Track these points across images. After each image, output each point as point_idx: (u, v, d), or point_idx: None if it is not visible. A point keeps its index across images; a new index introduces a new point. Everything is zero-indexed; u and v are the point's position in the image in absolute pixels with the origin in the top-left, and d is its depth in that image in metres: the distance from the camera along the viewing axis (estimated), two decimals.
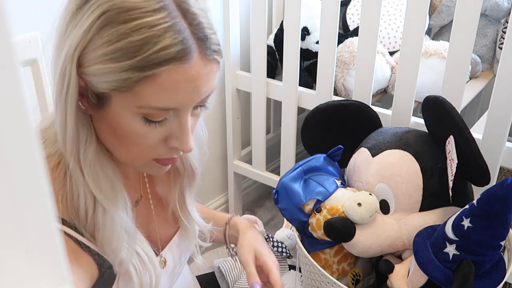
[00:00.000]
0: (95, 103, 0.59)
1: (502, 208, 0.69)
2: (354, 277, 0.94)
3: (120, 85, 0.56)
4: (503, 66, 1.06)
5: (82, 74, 0.57)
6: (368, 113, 1.08)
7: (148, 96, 0.57)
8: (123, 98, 0.58)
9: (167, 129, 0.62)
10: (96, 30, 0.55)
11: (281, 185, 0.90)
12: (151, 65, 0.55)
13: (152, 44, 0.54)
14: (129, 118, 0.59)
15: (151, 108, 0.58)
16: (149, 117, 0.59)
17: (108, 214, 0.64)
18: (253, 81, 1.59)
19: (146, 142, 0.62)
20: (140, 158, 0.65)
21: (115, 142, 0.63)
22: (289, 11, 1.40)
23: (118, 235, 0.65)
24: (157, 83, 0.56)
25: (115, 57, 0.55)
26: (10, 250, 0.27)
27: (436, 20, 1.73)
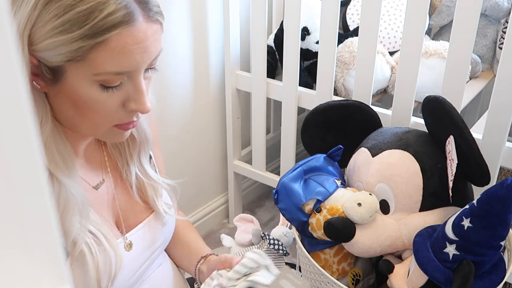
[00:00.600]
0: (51, 78, 0.61)
1: (502, 208, 0.69)
2: (354, 277, 0.94)
3: (74, 55, 0.59)
4: (503, 66, 1.06)
5: (34, 52, 0.59)
6: (368, 113, 1.08)
7: (102, 62, 0.60)
8: (79, 69, 0.60)
9: (123, 93, 0.65)
10: (42, 6, 0.57)
11: (281, 185, 0.90)
12: (101, 31, 0.58)
13: (99, 12, 0.57)
14: (87, 88, 0.62)
15: (107, 73, 0.61)
16: (105, 83, 0.62)
17: (63, 187, 0.65)
18: (253, 81, 1.59)
19: (106, 109, 0.64)
20: (102, 126, 0.67)
21: (75, 114, 0.65)
22: (289, 11, 1.40)
23: (72, 211, 0.66)
24: (109, 48, 0.59)
25: (65, 29, 0.57)
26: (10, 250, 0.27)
27: (436, 20, 1.73)
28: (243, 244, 1.15)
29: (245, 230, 1.16)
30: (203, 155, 1.79)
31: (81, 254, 0.69)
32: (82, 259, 0.69)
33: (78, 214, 0.67)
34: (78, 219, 0.67)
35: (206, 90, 1.70)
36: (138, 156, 0.81)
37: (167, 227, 0.88)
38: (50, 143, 0.64)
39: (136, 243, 0.81)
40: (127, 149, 0.81)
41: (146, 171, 0.83)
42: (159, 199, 0.84)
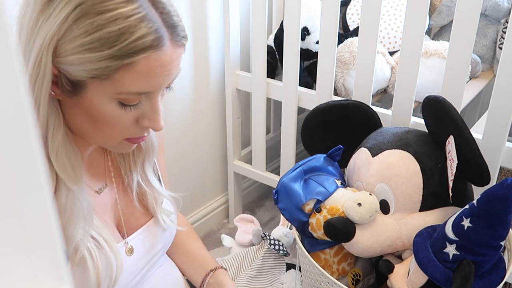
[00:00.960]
0: (70, 90, 0.61)
1: (502, 208, 0.69)
2: (354, 277, 0.94)
3: (100, 73, 0.59)
4: (503, 66, 1.06)
5: (57, 63, 0.59)
6: (368, 113, 1.08)
7: (127, 82, 0.60)
8: (101, 86, 0.60)
9: (140, 111, 0.66)
10: (72, 21, 0.57)
11: (281, 185, 0.90)
12: (130, 53, 0.58)
13: (129, 34, 0.58)
14: (106, 104, 0.62)
15: (129, 93, 0.62)
16: (125, 101, 0.63)
17: (70, 194, 0.66)
18: (253, 81, 1.59)
19: (120, 124, 0.65)
20: (114, 139, 0.68)
21: (89, 127, 0.66)
22: (289, 11, 1.40)
23: (77, 218, 0.66)
24: (135, 70, 0.60)
25: (93, 47, 0.57)
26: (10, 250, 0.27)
27: (436, 20, 1.73)
28: (243, 245, 1.15)
29: (246, 231, 1.16)
30: (203, 155, 1.79)
31: (82, 259, 0.69)
32: (83, 264, 0.69)
33: (83, 220, 0.68)
34: (82, 226, 0.68)
35: (206, 90, 1.70)
36: (142, 164, 0.82)
37: (168, 232, 0.88)
38: (61, 150, 0.64)
39: (137, 248, 0.81)
40: (132, 156, 0.81)
41: (149, 180, 0.83)
42: (159, 207, 0.84)
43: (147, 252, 0.84)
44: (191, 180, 1.76)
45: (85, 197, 0.68)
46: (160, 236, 0.86)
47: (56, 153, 0.64)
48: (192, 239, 0.99)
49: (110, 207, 0.80)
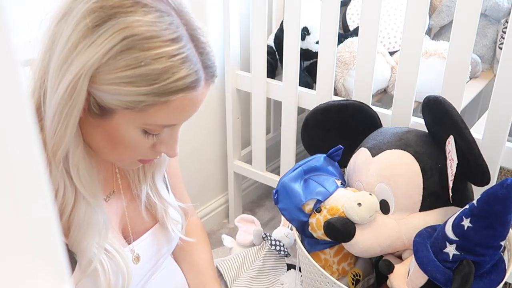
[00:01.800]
0: (97, 113, 0.62)
1: (502, 208, 0.69)
2: (354, 277, 0.94)
3: (134, 106, 0.59)
4: (503, 66, 1.06)
5: (90, 88, 0.59)
6: (368, 113, 1.08)
7: (159, 116, 0.62)
8: (132, 116, 0.61)
9: (159, 139, 0.68)
10: (117, 53, 0.56)
11: (281, 185, 0.90)
12: (168, 92, 0.59)
13: (171, 74, 0.58)
14: (130, 130, 0.63)
15: (157, 125, 0.64)
16: (150, 131, 0.65)
17: (89, 207, 0.66)
18: (253, 81, 1.59)
19: (138, 148, 0.67)
20: (128, 159, 0.70)
21: (107, 146, 0.67)
22: (289, 11, 1.40)
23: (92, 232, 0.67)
24: (169, 107, 0.61)
25: (133, 81, 0.57)
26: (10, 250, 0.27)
27: (436, 20, 1.73)
28: (244, 245, 1.15)
29: (246, 231, 1.16)
30: (203, 155, 1.79)
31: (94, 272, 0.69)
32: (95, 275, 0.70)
33: (98, 235, 0.68)
34: (97, 240, 0.68)
35: None
36: (152, 176, 0.83)
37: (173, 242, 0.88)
38: (81, 165, 0.65)
39: (142, 254, 0.82)
40: (141, 168, 0.81)
41: (158, 191, 0.84)
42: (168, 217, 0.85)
43: (153, 256, 0.84)
44: (191, 180, 1.76)
45: (102, 211, 0.69)
46: (165, 240, 0.86)
47: (77, 169, 0.64)
48: (202, 251, 0.99)
49: (116, 214, 0.80)
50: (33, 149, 0.26)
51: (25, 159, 0.26)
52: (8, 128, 0.25)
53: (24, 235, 0.27)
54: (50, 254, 0.28)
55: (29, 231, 0.27)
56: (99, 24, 0.57)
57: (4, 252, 0.26)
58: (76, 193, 0.65)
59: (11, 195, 0.26)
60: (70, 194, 0.65)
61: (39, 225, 0.27)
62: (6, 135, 0.25)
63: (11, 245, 0.27)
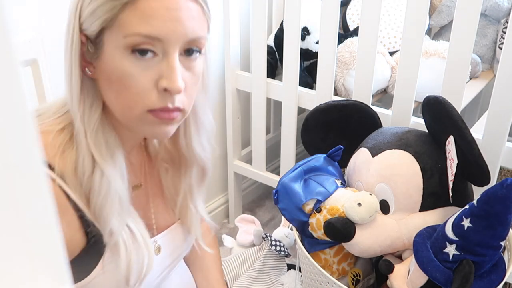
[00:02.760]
0: (93, 52, 0.65)
1: (502, 208, 0.69)
2: (354, 277, 0.94)
3: (108, 17, 0.62)
4: (503, 66, 1.06)
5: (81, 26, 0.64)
6: (368, 113, 1.08)
7: (131, 22, 0.61)
8: (112, 34, 0.63)
9: (156, 71, 0.64)
10: None
11: (281, 185, 0.90)
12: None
13: None
14: (119, 55, 0.63)
15: (135, 34, 0.61)
16: (134, 46, 0.62)
17: (105, 177, 0.67)
18: (253, 81, 1.59)
19: (138, 85, 0.64)
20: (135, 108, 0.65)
21: (112, 93, 0.66)
22: (289, 11, 1.40)
23: (111, 201, 0.68)
24: (137, 8, 0.61)
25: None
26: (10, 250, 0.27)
27: (436, 20, 1.73)
28: (244, 245, 1.16)
29: (247, 231, 1.16)
30: None
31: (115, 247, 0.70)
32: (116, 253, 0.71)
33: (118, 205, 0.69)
34: (118, 209, 0.69)
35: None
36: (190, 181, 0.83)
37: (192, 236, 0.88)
38: (97, 130, 0.67)
39: (164, 247, 0.82)
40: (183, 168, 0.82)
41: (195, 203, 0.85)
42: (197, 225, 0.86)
43: (172, 252, 0.85)
44: None
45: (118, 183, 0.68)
46: (185, 239, 0.87)
47: (93, 130, 0.66)
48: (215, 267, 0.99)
49: (142, 205, 0.81)
50: (33, 149, 0.26)
51: (25, 159, 0.26)
52: (8, 128, 0.25)
53: (24, 235, 0.27)
54: (50, 255, 0.28)
55: (29, 231, 0.27)
56: None
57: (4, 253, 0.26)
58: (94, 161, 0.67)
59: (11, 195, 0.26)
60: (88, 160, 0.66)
61: (39, 225, 0.27)
62: (6, 135, 0.25)
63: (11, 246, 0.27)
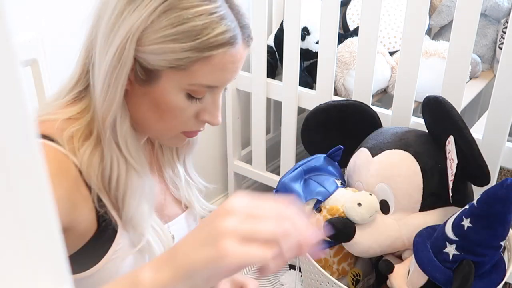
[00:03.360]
0: (143, 79, 0.65)
1: (502, 208, 0.69)
2: (354, 277, 0.94)
3: (178, 63, 0.63)
4: (503, 66, 1.06)
5: (137, 52, 0.63)
6: (368, 113, 1.08)
7: (201, 74, 0.65)
8: (176, 76, 0.64)
9: (202, 105, 0.70)
10: (160, 13, 0.61)
11: (281, 185, 0.90)
12: (209, 47, 0.63)
13: (211, 29, 0.62)
14: (175, 94, 0.66)
15: (200, 85, 0.66)
16: (193, 94, 0.67)
17: (139, 176, 0.70)
18: (253, 81, 1.59)
19: (183, 116, 0.69)
20: (173, 131, 0.72)
21: (153, 116, 0.69)
22: (289, 11, 1.40)
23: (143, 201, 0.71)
24: (211, 64, 0.64)
25: (177, 38, 0.62)
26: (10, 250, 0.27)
27: (436, 20, 1.73)
28: None
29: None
30: (203, 155, 1.79)
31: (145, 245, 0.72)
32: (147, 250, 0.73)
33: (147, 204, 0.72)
34: (147, 211, 0.72)
35: None
36: (184, 157, 0.87)
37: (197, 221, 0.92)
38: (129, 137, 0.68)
39: (177, 235, 0.84)
40: (175, 150, 0.85)
41: (189, 172, 0.88)
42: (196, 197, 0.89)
43: None
44: None
45: (150, 181, 0.72)
46: (194, 222, 0.89)
47: (125, 139, 0.68)
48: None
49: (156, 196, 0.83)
50: (33, 149, 0.26)
51: (25, 159, 0.26)
52: (8, 128, 0.25)
53: (24, 236, 0.27)
54: (50, 255, 0.28)
55: (29, 232, 0.27)
56: None
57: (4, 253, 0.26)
58: (126, 163, 0.69)
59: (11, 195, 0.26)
60: (122, 165, 0.68)
61: (39, 226, 0.27)
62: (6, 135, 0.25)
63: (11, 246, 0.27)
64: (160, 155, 0.85)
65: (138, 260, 0.73)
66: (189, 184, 0.88)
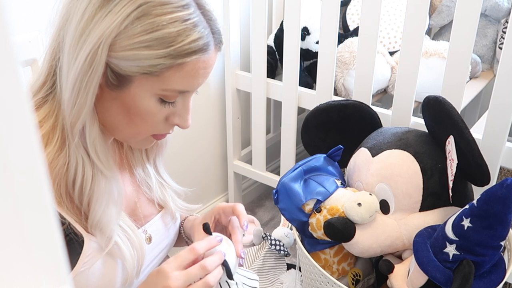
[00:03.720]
0: (114, 83, 0.64)
1: (502, 208, 0.69)
2: (354, 277, 0.94)
3: (152, 70, 0.62)
4: (503, 66, 1.06)
5: (109, 58, 0.62)
6: (368, 113, 1.08)
7: (174, 80, 0.64)
8: (148, 81, 0.64)
9: (171, 109, 0.69)
10: (134, 19, 0.60)
11: (281, 185, 0.90)
12: (183, 54, 0.62)
13: (185, 36, 0.62)
14: (147, 99, 0.66)
15: (173, 91, 0.66)
16: (165, 98, 0.67)
17: (107, 180, 0.69)
18: (253, 81, 1.59)
19: (154, 120, 0.69)
20: (143, 134, 0.71)
21: (123, 120, 0.68)
22: (289, 11, 1.40)
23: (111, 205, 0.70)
24: (184, 70, 0.64)
25: (151, 45, 0.61)
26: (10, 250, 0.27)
27: (436, 20, 1.73)
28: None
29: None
30: (203, 155, 1.79)
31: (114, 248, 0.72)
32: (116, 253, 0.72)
33: (115, 207, 0.71)
34: (115, 213, 0.71)
35: (206, 90, 1.70)
36: (154, 158, 0.86)
37: (177, 223, 0.92)
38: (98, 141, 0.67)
39: (154, 235, 0.84)
40: (144, 151, 0.84)
41: (160, 173, 0.87)
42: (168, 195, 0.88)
43: (163, 239, 0.86)
44: (191, 180, 1.76)
45: (118, 184, 0.72)
46: (171, 226, 0.89)
47: (94, 144, 0.67)
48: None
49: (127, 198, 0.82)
50: (33, 149, 0.26)
51: (25, 159, 0.26)
52: (8, 128, 0.25)
53: (24, 235, 0.27)
54: (50, 254, 0.28)
55: (29, 231, 0.27)
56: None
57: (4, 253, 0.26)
58: (93, 167, 0.68)
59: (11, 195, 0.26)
60: (88, 168, 0.67)
61: (39, 225, 0.27)
62: (6, 135, 0.25)
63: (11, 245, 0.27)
64: (130, 155, 0.84)
65: (107, 263, 0.72)
66: (162, 185, 0.87)
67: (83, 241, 0.69)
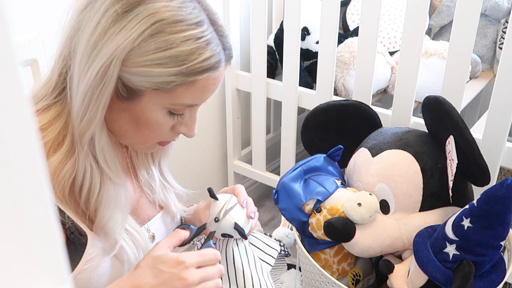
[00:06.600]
0: (124, 96, 0.65)
1: (502, 208, 0.69)
2: (354, 277, 0.94)
3: (164, 86, 0.63)
4: (503, 66, 1.06)
5: (121, 72, 0.62)
6: (368, 113, 1.08)
7: (185, 96, 0.65)
8: (159, 96, 0.64)
9: (180, 119, 0.71)
10: (147, 36, 0.60)
11: (281, 185, 0.90)
12: (195, 72, 0.63)
13: (198, 55, 0.63)
14: (156, 112, 0.67)
15: (183, 105, 0.67)
16: (175, 111, 0.68)
17: (115, 186, 0.70)
18: (253, 81, 1.59)
19: (161, 130, 0.70)
20: (149, 142, 0.73)
21: (131, 129, 0.69)
22: (289, 11, 1.40)
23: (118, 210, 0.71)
24: (195, 87, 0.65)
25: (163, 63, 0.61)
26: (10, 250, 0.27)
27: (436, 20, 1.73)
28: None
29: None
30: (203, 155, 1.79)
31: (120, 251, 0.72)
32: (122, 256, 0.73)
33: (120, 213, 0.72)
34: (120, 219, 0.72)
35: None
36: (159, 160, 0.87)
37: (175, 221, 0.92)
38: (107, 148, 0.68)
39: (157, 233, 0.85)
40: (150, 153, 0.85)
41: (164, 174, 0.88)
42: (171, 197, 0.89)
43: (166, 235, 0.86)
44: (191, 180, 1.76)
45: (126, 190, 0.73)
46: (172, 226, 0.90)
47: (103, 151, 0.67)
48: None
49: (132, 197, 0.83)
50: (33, 149, 0.26)
51: (25, 159, 0.26)
52: (8, 128, 0.25)
53: (24, 235, 0.27)
54: (50, 255, 0.28)
55: (29, 231, 0.27)
56: (129, 10, 0.60)
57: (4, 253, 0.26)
58: (102, 174, 0.68)
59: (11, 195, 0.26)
60: (97, 176, 0.68)
61: (39, 225, 0.27)
62: (6, 135, 0.25)
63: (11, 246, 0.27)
64: (134, 157, 0.84)
65: (114, 266, 0.73)
66: (165, 187, 0.88)
67: (86, 240, 0.69)
